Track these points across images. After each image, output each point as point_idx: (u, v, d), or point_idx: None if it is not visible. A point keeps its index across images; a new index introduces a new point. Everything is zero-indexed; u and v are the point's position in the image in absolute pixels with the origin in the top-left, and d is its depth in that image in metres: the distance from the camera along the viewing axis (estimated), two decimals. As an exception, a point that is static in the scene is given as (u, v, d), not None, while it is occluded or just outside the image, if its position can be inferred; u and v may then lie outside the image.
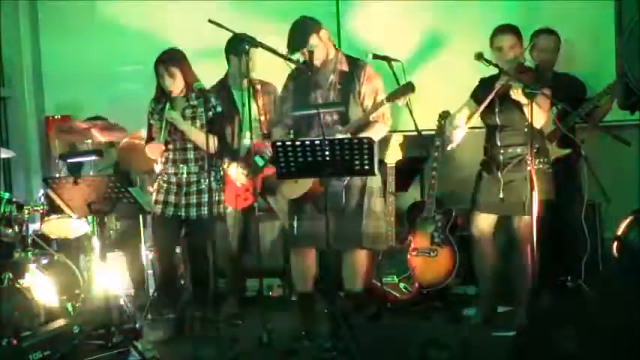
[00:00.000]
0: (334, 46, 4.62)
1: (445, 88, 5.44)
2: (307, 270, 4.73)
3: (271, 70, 4.91)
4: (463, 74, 5.08)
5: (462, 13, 5.50)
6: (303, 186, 4.48)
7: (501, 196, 4.54)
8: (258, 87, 5.15)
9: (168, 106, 4.64)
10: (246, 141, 4.94)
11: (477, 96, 4.65)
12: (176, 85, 4.67)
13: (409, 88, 4.38)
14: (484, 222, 4.70)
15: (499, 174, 4.57)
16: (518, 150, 4.55)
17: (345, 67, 4.53)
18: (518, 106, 4.45)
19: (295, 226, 4.53)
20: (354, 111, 4.48)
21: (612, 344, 3.21)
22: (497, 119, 4.58)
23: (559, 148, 4.92)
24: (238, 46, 5.01)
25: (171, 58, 4.67)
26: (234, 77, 5.17)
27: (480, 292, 4.86)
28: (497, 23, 4.84)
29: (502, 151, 4.58)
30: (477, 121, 4.69)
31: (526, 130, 4.41)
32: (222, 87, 5.18)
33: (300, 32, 4.50)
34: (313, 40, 4.47)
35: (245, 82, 4.86)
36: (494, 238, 4.74)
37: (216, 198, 4.76)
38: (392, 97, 4.40)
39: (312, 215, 4.49)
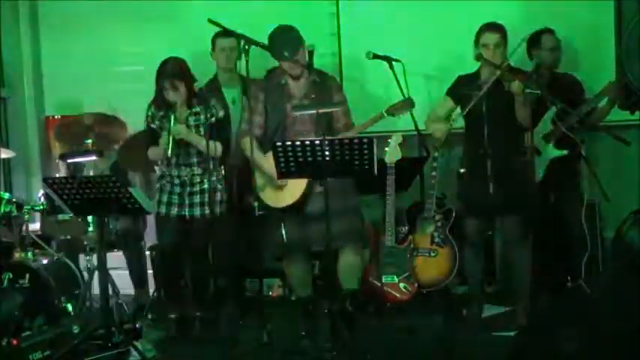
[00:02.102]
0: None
1: (445, 88, 5.43)
2: (304, 275, 4.78)
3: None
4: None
5: (462, 13, 5.49)
6: (290, 196, 4.53)
7: (492, 195, 4.56)
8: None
9: (172, 119, 4.56)
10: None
11: (455, 93, 4.71)
12: (180, 97, 4.64)
13: (409, 103, 4.46)
14: (476, 226, 4.73)
15: (488, 173, 4.59)
16: (505, 148, 4.58)
17: (317, 79, 4.66)
18: (505, 104, 4.51)
19: (284, 233, 4.57)
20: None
21: (612, 344, 3.20)
22: (485, 118, 4.59)
23: (557, 148, 4.93)
24: (214, 40, 5.10)
25: (175, 72, 4.61)
26: (223, 75, 5.20)
27: (472, 293, 4.88)
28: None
29: (490, 149, 4.60)
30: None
31: (511, 127, 4.51)
32: (213, 87, 5.22)
33: (294, 37, 4.55)
34: (301, 48, 4.57)
35: (242, 80, 4.98)
36: (487, 239, 4.76)
37: (219, 198, 4.76)
38: (392, 110, 4.48)
39: (298, 221, 4.54)
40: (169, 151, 4.58)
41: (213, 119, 4.68)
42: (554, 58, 5.08)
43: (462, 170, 4.75)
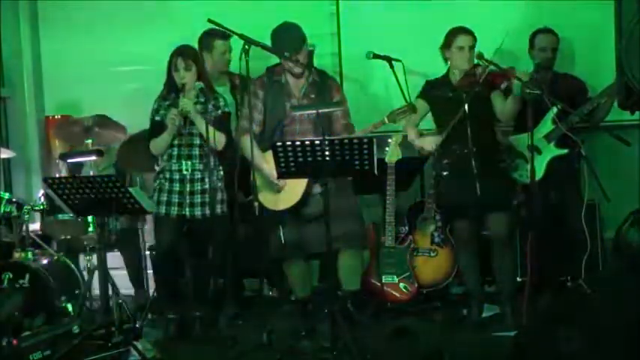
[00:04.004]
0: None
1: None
2: (303, 276, 4.78)
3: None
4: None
5: (462, 14, 5.49)
6: (289, 199, 4.52)
7: (479, 194, 4.56)
8: (237, 82, 5.19)
9: (181, 96, 4.64)
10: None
11: (427, 96, 4.75)
12: (190, 79, 4.67)
13: (410, 110, 4.45)
14: (464, 225, 4.73)
15: (474, 174, 4.58)
16: (486, 147, 4.62)
17: (317, 79, 4.65)
18: (486, 106, 4.58)
19: (282, 236, 4.57)
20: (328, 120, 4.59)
21: (612, 344, 3.21)
22: (468, 119, 4.58)
23: (557, 147, 4.92)
24: (210, 41, 5.07)
25: (189, 52, 4.71)
26: (212, 73, 5.18)
27: (471, 293, 4.87)
28: (498, 23, 4.84)
29: (475, 151, 4.59)
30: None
31: (490, 126, 4.66)
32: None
33: (298, 35, 4.54)
34: (303, 47, 4.57)
35: (230, 77, 5.13)
36: (475, 239, 4.76)
37: (220, 197, 4.75)
38: (393, 117, 4.47)
39: (296, 223, 4.54)
40: (177, 123, 4.62)
41: (219, 111, 4.69)
42: (546, 58, 5.05)
43: (444, 173, 4.72)
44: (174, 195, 4.73)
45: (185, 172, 4.72)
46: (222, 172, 4.82)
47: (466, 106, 4.52)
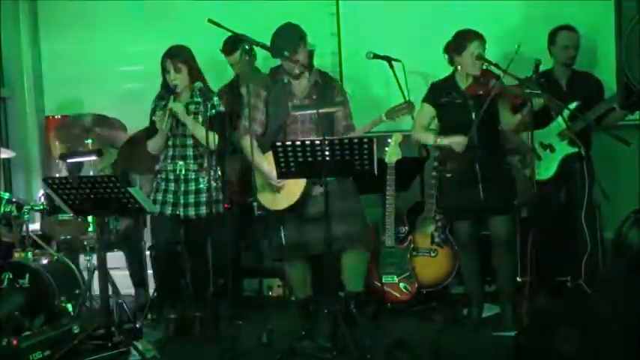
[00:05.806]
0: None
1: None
2: (304, 276, 4.79)
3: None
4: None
5: (462, 13, 5.50)
6: (288, 198, 4.53)
7: (482, 197, 4.56)
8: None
9: (172, 98, 4.64)
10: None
11: (432, 100, 4.68)
12: (181, 80, 4.67)
13: (409, 107, 4.44)
14: (467, 228, 4.72)
15: (478, 177, 4.58)
16: (495, 153, 4.61)
17: (319, 79, 4.64)
18: (494, 111, 4.55)
19: (283, 236, 4.57)
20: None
21: (612, 344, 3.21)
22: (475, 124, 4.55)
23: (571, 146, 4.90)
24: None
25: (178, 54, 4.70)
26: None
27: (471, 293, 4.86)
28: (498, 23, 4.82)
29: (480, 154, 4.58)
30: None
31: (494, 131, 4.60)
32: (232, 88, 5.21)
33: (296, 35, 4.53)
34: (302, 47, 4.55)
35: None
36: (476, 241, 4.76)
37: (215, 197, 4.75)
38: (391, 114, 4.46)
39: (297, 223, 4.54)
40: (164, 126, 4.60)
41: (213, 111, 4.69)
42: (568, 56, 5.03)
43: (448, 175, 4.71)
44: (169, 195, 4.74)
45: (179, 173, 4.73)
46: (219, 172, 4.82)
47: (473, 114, 4.52)
